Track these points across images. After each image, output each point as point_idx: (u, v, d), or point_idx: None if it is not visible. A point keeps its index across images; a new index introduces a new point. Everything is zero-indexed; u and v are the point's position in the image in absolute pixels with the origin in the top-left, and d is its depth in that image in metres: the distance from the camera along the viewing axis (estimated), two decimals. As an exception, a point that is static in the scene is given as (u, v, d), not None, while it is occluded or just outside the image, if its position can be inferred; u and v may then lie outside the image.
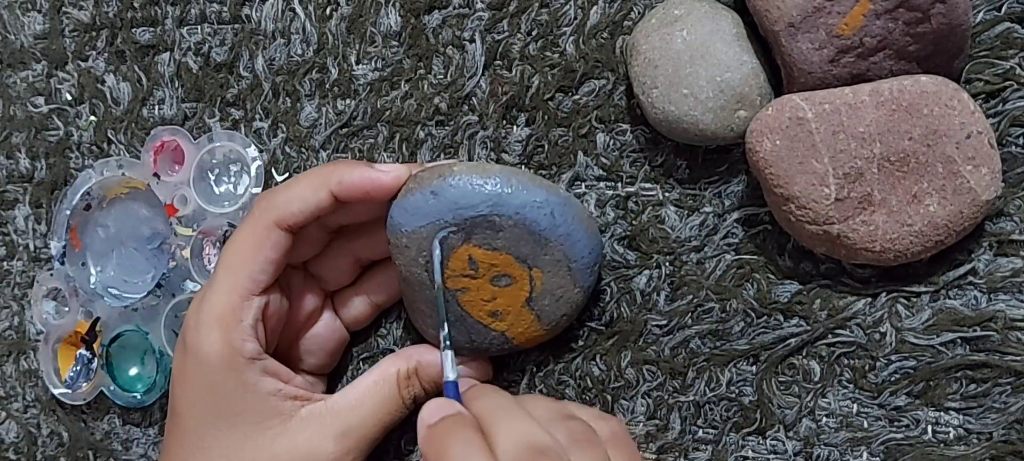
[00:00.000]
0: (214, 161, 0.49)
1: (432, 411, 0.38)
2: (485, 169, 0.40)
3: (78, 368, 0.51)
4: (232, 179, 0.49)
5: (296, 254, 0.43)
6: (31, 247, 0.52)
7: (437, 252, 0.41)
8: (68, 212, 0.49)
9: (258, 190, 0.48)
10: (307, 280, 0.45)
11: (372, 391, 0.42)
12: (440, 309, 0.41)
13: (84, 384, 0.50)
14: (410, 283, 0.42)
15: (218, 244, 0.48)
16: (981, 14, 0.40)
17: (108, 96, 0.51)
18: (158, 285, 0.48)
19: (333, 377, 0.48)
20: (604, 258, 0.44)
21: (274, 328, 0.42)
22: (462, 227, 0.39)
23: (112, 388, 0.49)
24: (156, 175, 0.48)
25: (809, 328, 0.42)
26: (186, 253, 0.48)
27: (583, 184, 0.45)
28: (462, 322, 0.41)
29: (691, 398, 0.44)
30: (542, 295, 0.41)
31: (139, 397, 0.49)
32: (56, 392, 0.50)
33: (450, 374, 0.41)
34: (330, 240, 0.44)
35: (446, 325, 0.41)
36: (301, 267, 0.44)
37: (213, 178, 0.49)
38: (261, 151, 0.49)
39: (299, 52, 0.48)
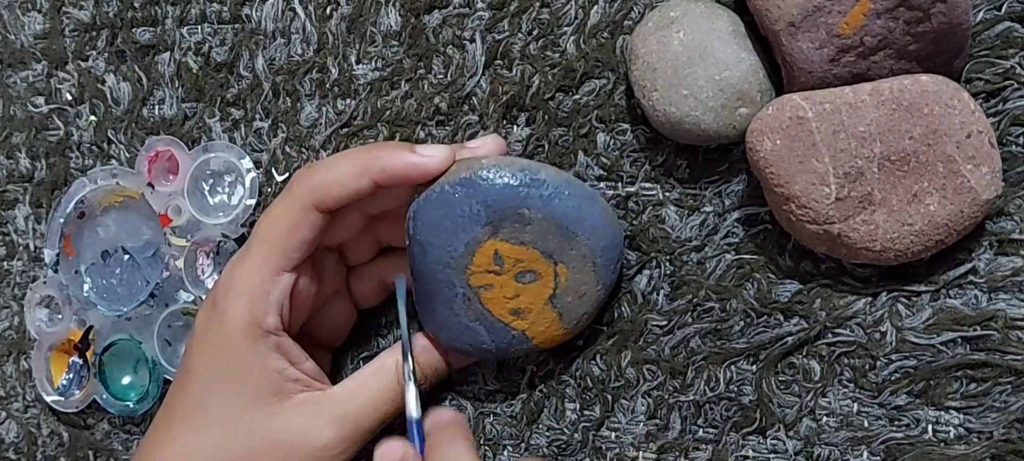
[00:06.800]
0: (209, 172, 0.49)
1: (388, 455, 0.41)
2: (513, 162, 0.39)
3: (71, 376, 0.50)
4: (227, 190, 0.49)
5: (333, 237, 0.43)
6: (31, 247, 0.52)
7: (401, 288, 0.42)
8: (61, 220, 0.49)
9: (252, 202, 0.48)
10: (330, 254, 0.45)
11: (370, 381, 0.42)
12: (405, 345, 0.42)
13: (77, 392, 0.50)
14: (427, 282, 0.41)
15: (212, 255, 0.48)
16: (981, 13, 0.40)
17: (108, 96, 0.51)
18: (152, 295, 0.48)
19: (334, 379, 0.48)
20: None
21: (300, 308, 0.43)
22: (490, 220, 0.39)
23: (105, 396, 0.49)
24: (150, 185, 0.48)
25: (809, 327, 0.42)
26: (180, 264, 0.48)
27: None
28: (482, 320, 0.41)
29: (691, 398, 0.44)
30: (566, 292, 0.40)
31: (132, 406, 0.49)
32: (49, 399, 0.50)
33: (414, 412, 0.42)
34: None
35: (411, 359, 0.42)
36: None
37: (207, 189, 0.49)
38: (260, 151, 0.49)
39: (299, 52, 0.48)
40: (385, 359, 0.43)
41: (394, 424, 0.44)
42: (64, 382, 0.50)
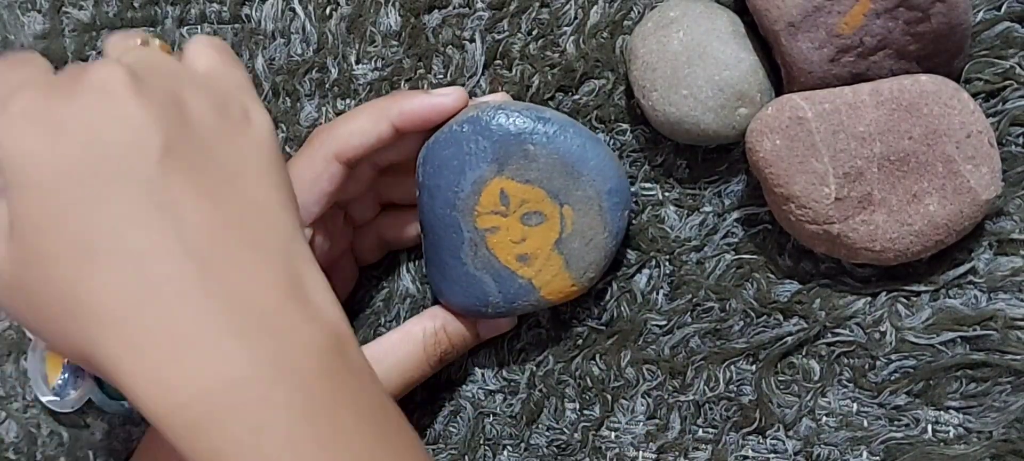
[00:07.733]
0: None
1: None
2: (520, 103, 0.40)
3: (66, 376, 0.50)
4: None
5: (346, 191, 0.43)
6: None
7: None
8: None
9: None
10: (338, 212, 0.45)
11: (397, 346, 0.42)
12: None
13: (72, 392, 0.50)
14: (435, 231, 0.41)
15: None
16: (981, 13, 0.40)
17: (108, 96, 0.50)
18: None
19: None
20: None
21: None
22: (496, 157, 0.39)
23: (100, 396, 0.49)
24: None
25: (809, 327, 0.42)
26: None
27: (583, 184, 0.45)
28: (488, 268, 0.41)
29: (691, 397, 0.44)
30: (572, 236, 0.40)
31: (127, 406, 0.49)
32: (45, 399, 0.50)
33: None
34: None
35: None
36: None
37: None
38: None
39: (299, 52, 0.48)
40: (411, 326, 0.43)
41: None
42: (60, 382, 0.50)
